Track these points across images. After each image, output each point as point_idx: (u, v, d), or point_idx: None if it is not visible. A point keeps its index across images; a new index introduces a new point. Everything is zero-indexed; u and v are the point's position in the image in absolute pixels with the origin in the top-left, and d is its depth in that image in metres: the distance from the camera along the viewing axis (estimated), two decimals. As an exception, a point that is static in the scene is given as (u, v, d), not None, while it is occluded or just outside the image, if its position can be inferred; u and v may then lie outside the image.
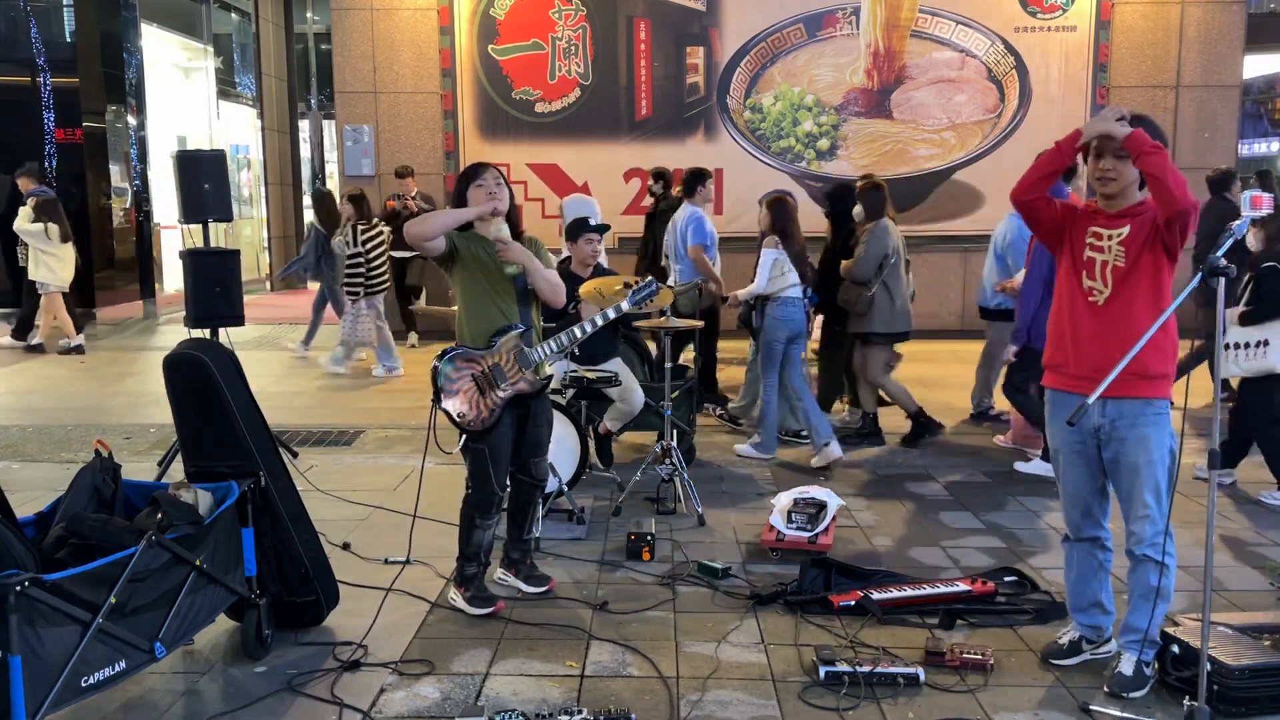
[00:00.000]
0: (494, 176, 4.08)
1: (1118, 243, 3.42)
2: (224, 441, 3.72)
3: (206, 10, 15.50)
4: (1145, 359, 3.29)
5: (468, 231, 4.07)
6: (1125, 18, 10.94)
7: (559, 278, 4.21)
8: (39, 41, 12.38)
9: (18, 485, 5.91)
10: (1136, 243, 3.38)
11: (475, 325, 4.07)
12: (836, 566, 4.42)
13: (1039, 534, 5.13)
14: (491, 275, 4.05)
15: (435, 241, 3.96)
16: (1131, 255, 3.39)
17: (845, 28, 11.05)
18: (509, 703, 3.42)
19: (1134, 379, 3.32)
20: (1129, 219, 3.42)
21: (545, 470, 4.38)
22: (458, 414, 3.99)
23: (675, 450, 5.44)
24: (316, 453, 6.67)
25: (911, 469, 6.32)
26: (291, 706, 3.42)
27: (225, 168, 6.21)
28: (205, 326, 5.88)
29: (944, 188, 11.17)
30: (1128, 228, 3.41)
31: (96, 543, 3.22)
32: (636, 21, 11.09)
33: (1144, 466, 3.41)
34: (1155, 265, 3.37)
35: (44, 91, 12.34)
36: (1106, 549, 3.68)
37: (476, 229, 4.08)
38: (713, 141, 11.24)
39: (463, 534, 4.16)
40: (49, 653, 2.79)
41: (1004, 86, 11.06)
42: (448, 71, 11.08)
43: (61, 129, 12.43)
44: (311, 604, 3.94)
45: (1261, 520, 5.34)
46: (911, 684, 3.51)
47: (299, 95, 18.18)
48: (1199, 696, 3.03)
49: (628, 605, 4.21)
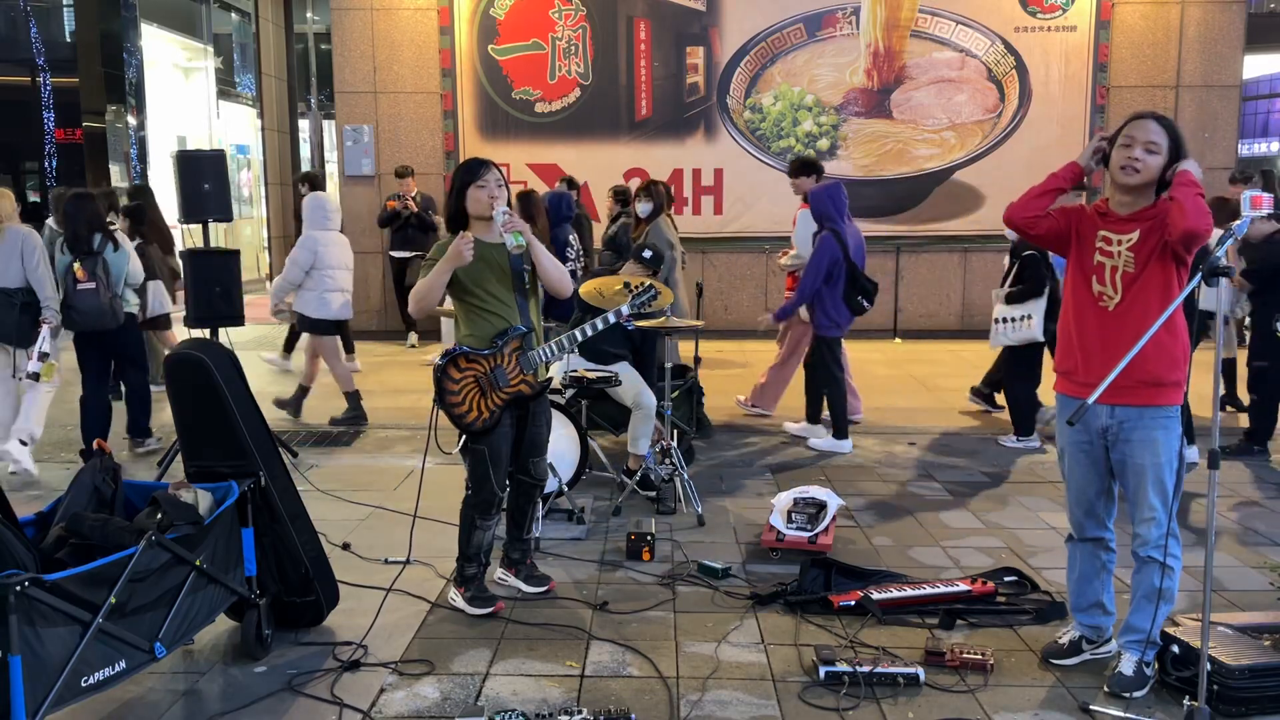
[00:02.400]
0: (495, 178, 4.05)
1: (1127, 248, 3.39)
2: (224, 441, 3.73)
3: (206, 10, 15.51)
4: (1155, 367, 3.29)
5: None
6: (1125, 18, 10.94)
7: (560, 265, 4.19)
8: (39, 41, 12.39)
9: (18, 485, 5.92)
10: (1146, 248, 3.36)
11: (477, 327, 4.05)
12: (836, 566, 4.42)
13: (1039, 534, 5.13)
14: (493, 277, 4.03)
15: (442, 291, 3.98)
16: (1141, 261, 3.37)
17: (845, 28, 11.05)
18: (509, 703, 3.42)
19: (1143, 387, 3.33)
20: (1139, 223, 3.39)
21: (545, 470, 4.38)
22: (459, 415, 3.99)
23: (675, 450, 5.44)
24: (316, 453, 6.67)
25: (912, 469, 6.32)
26: (291, 706, 3.42)
27: (225, 168, 6.21)
28: (205, 326, 5.89)
29: (944, 188, 11.17)
30: (1137, 233, 3.38)
31: (96, 543, 3.22)
32: (636, 21, 11.09)
33: (1150, 469, 3.41)
34: (1165, 271, 3.35)
35: (44, 91, 12.36)
36: (1110, 550, 3.68)
37: (475, 229, 4.06)
38: (713, 141, 11.25)
39: (463, 535, 4.16)
40: (49, 653, 2.79)
41: (1004, 86, 11.06)
42: (448, 71, 11.09)
43: (61, 129, 12.46)
44: (311, 604, 3.94)
45: (1262, 520, 5.34)
46: (911, 684, 3.51)
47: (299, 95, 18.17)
48: (1199, 696, 3.02)
49: (628, 605, 4.21)
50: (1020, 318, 6.56)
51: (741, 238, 11.32)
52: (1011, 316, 6.59)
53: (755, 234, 11.25)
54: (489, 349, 4.01)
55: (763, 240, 11.21)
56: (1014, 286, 6.63)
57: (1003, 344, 6.73)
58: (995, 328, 6.70)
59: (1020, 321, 6.57)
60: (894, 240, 11.14)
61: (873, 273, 11.05)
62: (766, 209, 11.21)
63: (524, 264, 4.09)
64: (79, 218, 6.30)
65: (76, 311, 6.19)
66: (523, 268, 4.09)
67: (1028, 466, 6.37)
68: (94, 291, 6.17)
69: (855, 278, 6.49)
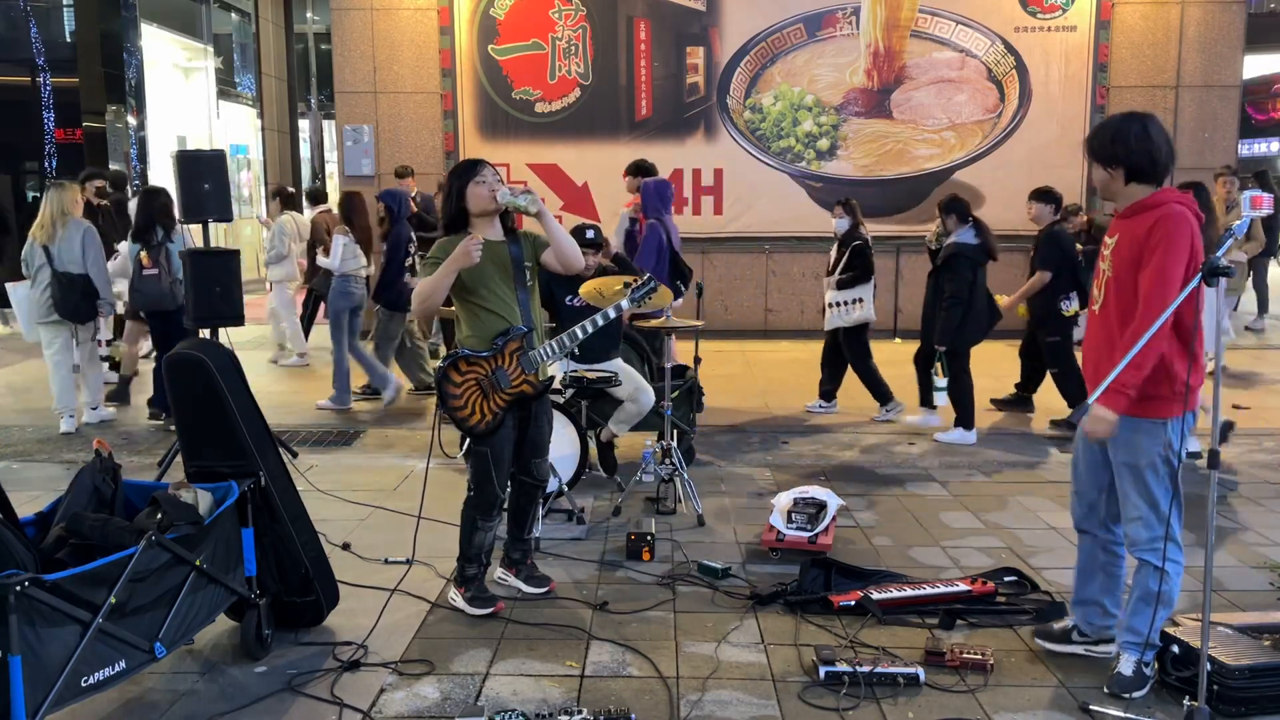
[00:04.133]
0: (492, 173, 4.05)
1: (1110, 251, 3.45)
2: (224, 441, 3.72)
3: (206, 10, 15.51)
4: (1144, 382, 3.27)
5: (468, 234, 4.03)
6: (1125, 18, 10.93)
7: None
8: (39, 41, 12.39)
9: (18, 485, 5.92)
10: (1120, 254, 3.39)
11: (478, 327, 4.04)
12: (836, 566, 4.42)
13: (1039, 534, 5.13)
14: (496, 275, 4.02)
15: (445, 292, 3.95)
16: (1117, 265, 3.40)
17: (845, 28, 11.05)
18: (509, 703, 3.42)
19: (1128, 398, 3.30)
20: (1120, 225, 3.43)
21: (546, 471, 4.38)
22: (462, 418, 3.98)
23: (675, 450, 5.44)
24: (316, 453, 6.67)
25: (912, 469, 6.32)
26: (291, 706, 3.42)
27: (225, 168, 6.20)
28: (205, 326, 5.88)
29: (944, 188, 11.14)
30: (1116, 237, 3.43)
31: (96, 543, 3.22)
32: (636, 21, 11.08)
33: (1129, 470, 3.42)
34: (1134, 280, 3.33)
35: (44, 91, 12.36)
36: (1112, 554, 3.67)
37: (477, 228, 4.05)
38: (713, 141, 11.24)
39: (464, 535, 4.16)
40: (49, 653, 2.79)
41: (1004, 86, 11.05)
42: (448, 71, 11.08)
43: (61, 129, 12.45)
44: (311, 604, 3.94)
45: (1262, 520, 5.34)
46: (911, 684, 3.51)
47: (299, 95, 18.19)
48: (1199, 696, 3.03)
49: (628, 605, 4.21)
50: (852, 301, 7.33)
51: (741, 238, 11.31)
52: (843, 300, 7.35)
53: (755, 234, 11.25)
54: (489, 350, 4.00)
55: (762, 240, 11.21)
56: (844, 274, 7.35)
57: (836, 325, 7.43)
58: (830, 312, 7.42)
59: (852, 305, 7.33)
60: (894, 240, 11.13)
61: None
62: (766, 209, 11.20)
63: (525, 260, 4.09)
64: (147, 211, 7.23)
65: (140, 294, 7.21)
66: (524, 264, 4.09)
67: (1028, 467, 6.37)
68: (156, 277, 7.13)
69: (677, 264, 7.14)
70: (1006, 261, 11.01)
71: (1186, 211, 3.30)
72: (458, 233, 4.05)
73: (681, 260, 7.19)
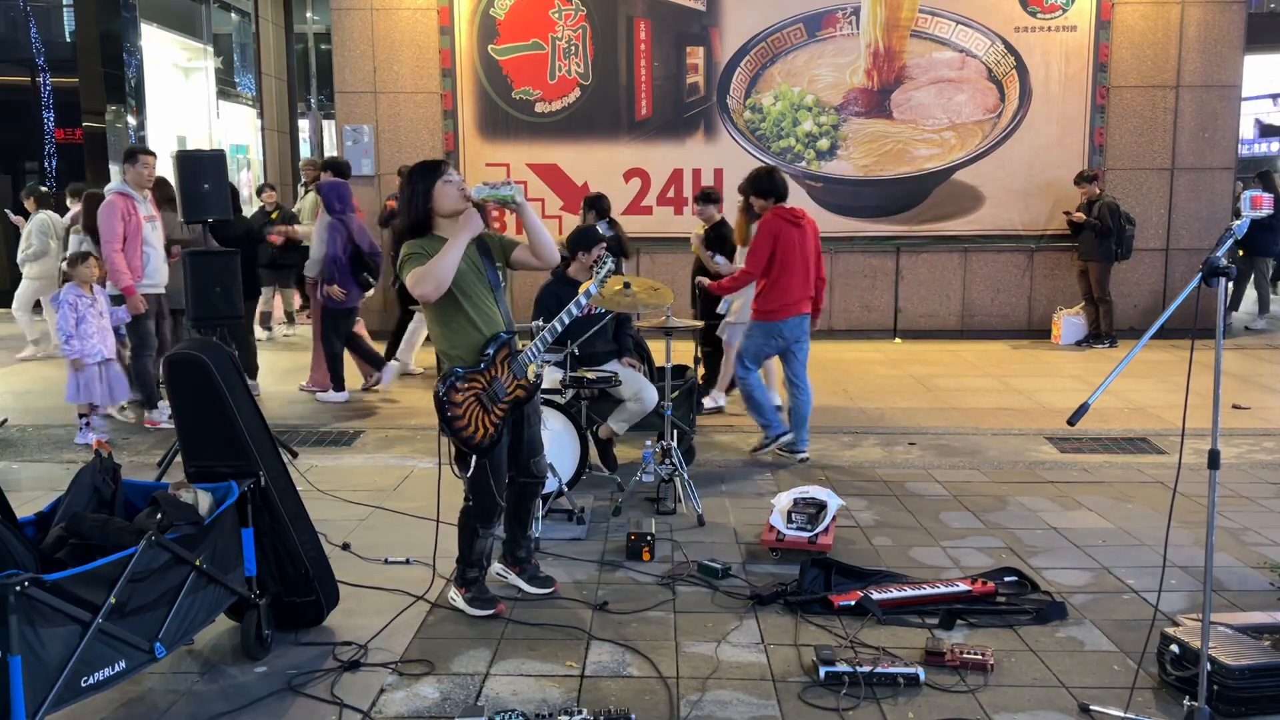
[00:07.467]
0: (455, 173, 4.01)
1: None
2: (224, 441, 3.72)
3: (206, 10, 15.50)
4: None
5: (434, 236, 3.96)
6: (1125, 18, 10.93)
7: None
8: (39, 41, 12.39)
9: (18, 485, 5.92)
10: None
11: (462, 341, 3.96)
12: (836, 566, 4.42)
13: (1039, 534, 5.13)
14: (473, 277, 3.96)
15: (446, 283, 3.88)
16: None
17: (845, 28, 11.05)
18: (509, 703, 3.42)
19: None
20: None
21: (545, 466, 4.37)
22: (466, 436, 3.95)
23: (675, 450, 5.44)
24: (316, 453, 6.67)
25: (911, 469, 6.32)
26: (291, 706, 3.42)
27: (225, 168, 6.21)
28: (205, 326, 5.88)
29: (944, 188, 11.16)
30: None
31: (96, 543, 3.22)
32: (636, 21, 11.08)
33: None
34: None
35: (44, 91, 12.36)
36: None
37: (441, 229, 3.95)
38: (712, 141, 11.24)
39: (464, 542, 4.14)
40: (49, 653, 2.79)
41: (1004, 86, 11.05)
42: (448, 71, 11.08)
43: (61, 129, 12.46)
44: (311, 604, 3.94)
45: (1262, 520, 5.34)
46: (911, 684, 3.51)
47: (299, 95, 18.17)
48: (1199, 696, 3.03)
49: (628, 605, 4.21)
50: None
51: (741, 238, 11.30)
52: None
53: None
54: (482, 363, 3.97)
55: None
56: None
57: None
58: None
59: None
60: (894, 240, 11.13)
61: (874, 273, 11.17)
62: (766, 209, 11.18)
63: (496, 260, 4.07)
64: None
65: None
66: (495, 265, 4.06)
67: (1028, 466, 6.37)
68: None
69: (361, 259, 7.79)
70: (1011, 261, 11.07)
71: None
72: (422, 236, 3.96)
73: (367, 255, 7.87)
